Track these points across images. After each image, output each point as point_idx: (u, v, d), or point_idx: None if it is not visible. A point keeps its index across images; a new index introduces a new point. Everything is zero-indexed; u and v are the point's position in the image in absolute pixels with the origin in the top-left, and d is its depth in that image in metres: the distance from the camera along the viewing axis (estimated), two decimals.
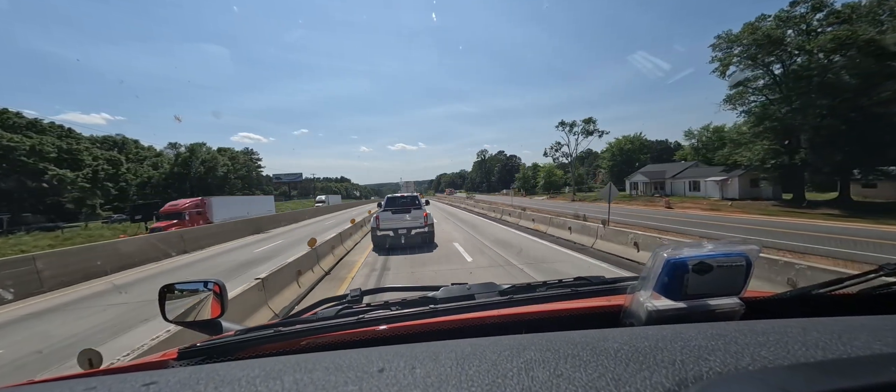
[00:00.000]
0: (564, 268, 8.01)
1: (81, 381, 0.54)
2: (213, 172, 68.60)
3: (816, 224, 16.53)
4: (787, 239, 11.85)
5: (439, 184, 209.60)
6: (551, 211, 26.05)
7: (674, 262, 0.71)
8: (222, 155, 77.52)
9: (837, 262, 8.02)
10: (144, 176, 60.50)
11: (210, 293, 1.21)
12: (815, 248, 10.03)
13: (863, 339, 0.50)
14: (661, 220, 20.09)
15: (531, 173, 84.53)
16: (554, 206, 37.07)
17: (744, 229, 15.36)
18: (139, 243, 12.79)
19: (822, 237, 12.29)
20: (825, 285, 0.83)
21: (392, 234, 11.04)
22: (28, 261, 8.70)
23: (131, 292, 8.12)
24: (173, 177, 63.67)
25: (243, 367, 0.53)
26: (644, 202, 35.59)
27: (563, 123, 59.14)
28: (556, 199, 55.68)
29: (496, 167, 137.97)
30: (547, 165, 76.21)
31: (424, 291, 1.18)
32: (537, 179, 77.71)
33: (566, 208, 30.05)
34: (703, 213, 23.82)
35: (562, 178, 75.65)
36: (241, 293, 4.73)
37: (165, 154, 69.42)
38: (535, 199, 54.85)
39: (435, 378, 0.47)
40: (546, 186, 74.02)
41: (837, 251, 9.67)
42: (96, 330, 5.69)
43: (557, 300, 0.99)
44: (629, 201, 38.01)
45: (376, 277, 7.99)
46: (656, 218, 21.41)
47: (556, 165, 77.52)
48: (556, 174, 74.69)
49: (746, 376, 0.43)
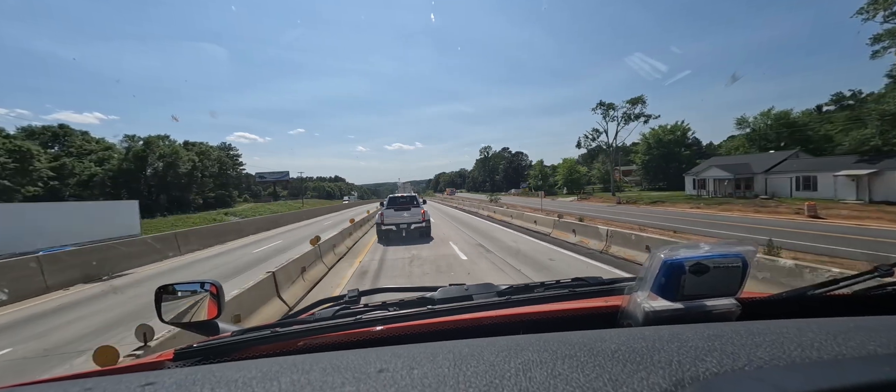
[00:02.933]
0: None
1: (78, 382, 0.54)
2: (173, 169, 57.73)
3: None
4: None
5: (438, 183, 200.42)
6: (630, 224, 16.34)
7: (671, 263, 0.71)
8: (189, 150, 66.61)
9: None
10: (86, 173, 49.54)
11: (207, 294, 1.19)
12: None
13: (858, 340, 0.51)
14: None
15: (550, 170, 73.43)
16: (609, 212, 26.97)
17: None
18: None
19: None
20: (820, 286, 0.83)
21: (394, 228, 12.97)
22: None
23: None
24: (123, 174, 52.92)
25: (240, 368, 0.53)
26: (743, 206, 25.23)
27: (603, 105, 48.51)
28: (589, 200, 45.30)
29: (501, 165, 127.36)
30: (568, 161, 65.55)
31: (422, 292, 1.18)
32: (557, 177, 66.76)
33: (633, 216, 20.45)
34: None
35: (585, 176, 65.05)
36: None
37: (120, 148, 58.31)
38: (564, 202, 44.35)
39: (433, 379, 0.47)
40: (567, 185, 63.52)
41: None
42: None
43: (555, 301, 0.98)
44: (709, 204, 27.74)
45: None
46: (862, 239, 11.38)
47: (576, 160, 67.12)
48: (578, 171, 64.10)
49: (743, 377, 0.43)
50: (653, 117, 48.37)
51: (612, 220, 19.24)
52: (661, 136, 54.16)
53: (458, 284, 1.20)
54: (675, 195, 39.16)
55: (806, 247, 10.19)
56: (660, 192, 44.95)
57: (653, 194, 42.60)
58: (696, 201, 31.12)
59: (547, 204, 34.59)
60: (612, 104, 48.75)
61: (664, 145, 54.86)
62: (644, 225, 15.57)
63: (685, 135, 54.78)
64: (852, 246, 10.57)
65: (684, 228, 15.64)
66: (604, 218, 20.72)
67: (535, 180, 72.21)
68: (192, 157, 63.13)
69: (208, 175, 68.36)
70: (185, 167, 59.27)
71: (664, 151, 54.67)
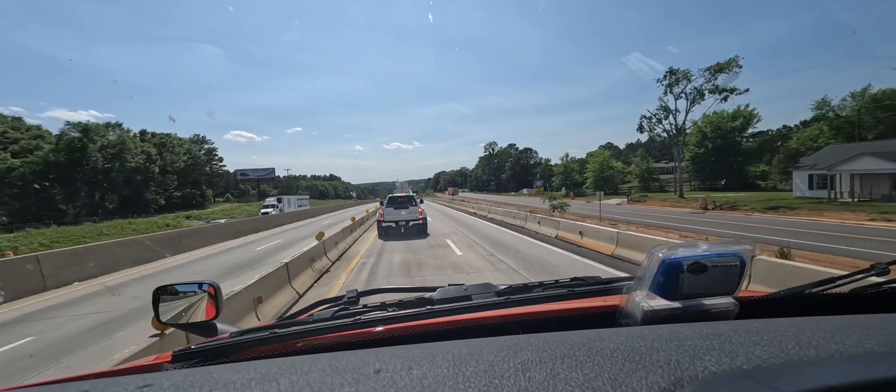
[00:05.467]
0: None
1: (75, 384, 0.54)
2: (120, 162, 47.20)
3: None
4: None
5: (438, 182, 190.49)
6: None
7: (669, 262, 0.71)
8: (146, 141, 56.01)
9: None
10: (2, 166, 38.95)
11: (205, 295, 1.19)
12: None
13: (855, 338, 0.51)
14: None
15: (576, 166, 62.31)
16: (704, 224, 17.38)
17: None
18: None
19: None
20: (818, 284, 0.83)
21: (394, 225, 14.36)
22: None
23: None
24: (54, 168, 42.47)
25: (238, 370, 0.53)
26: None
27: (673, 73, 36.72)
28: (644, 203, 35.03)
29: (507, 163, 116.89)
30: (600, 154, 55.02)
31: (421, 292, 1.18)
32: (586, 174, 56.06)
33: (770, 232, 11.15)
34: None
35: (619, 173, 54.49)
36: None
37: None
38: (610, 205, 33.79)
39: (432, 379, 0.46)
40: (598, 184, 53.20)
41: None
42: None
43: (554, 300, 0.98)
44: (881, 212, 17.51)
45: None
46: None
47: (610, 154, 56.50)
48: (613, 167, 53.63)
49: (741, 375, 0.43)
50: (741, 92, 34.66)
51: (739, 237, 10.84)
52: (719, 123, 43.82)
53: (457, 285, 1.18)
54: (784, 197, 28.67)
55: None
56: (733, 193, 34.62)
57: (736, 195, 32.15)
58: (837, 207, 20.87)
59: (588, 208, 24.31)
60: (688, 72, 35.59)
61: (723, 135, 44.51)
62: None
63: (749, 122, 44.47)
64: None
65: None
66: (721, 234, 13.87)
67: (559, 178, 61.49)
68: (147, 149, 52.59)
69: (172, 171, 57.82)
70: (136, 161, 48.69)
71: (723, 143, 44.41)
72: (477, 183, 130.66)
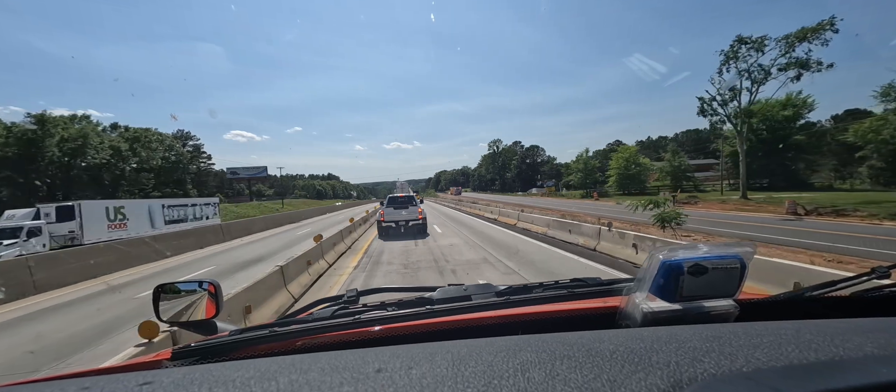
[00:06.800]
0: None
1: (75, 380, 0.54)
2: (81, 157, 41.47)
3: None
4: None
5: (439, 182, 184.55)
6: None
7: (669, 263, 0.71)
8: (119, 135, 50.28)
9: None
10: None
11: (205, 293, 1.17)
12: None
13: (855, 342, 0.50)
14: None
15: (598, 163, 55.95)
16: (829, 244, 11.22)
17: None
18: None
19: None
20: (818, 287, 0.83)
21: (394, 225, 14.74)
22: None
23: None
24: (3, 163, 36.78)
25: (238, 368, 0.53)
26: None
27: (743, 41, 28.45)
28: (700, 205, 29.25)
29: (513, 161, 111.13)
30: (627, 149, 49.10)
31: (421, 292, 1.17)
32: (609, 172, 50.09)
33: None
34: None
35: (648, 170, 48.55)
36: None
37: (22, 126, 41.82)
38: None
39: (431, 379, 0.46)
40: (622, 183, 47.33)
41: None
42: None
43: (554, 301, 0.98)
44: None
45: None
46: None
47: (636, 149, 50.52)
48: (640, 164, 47.74)
49: (741, 377, 0.43)
50: (826, 67, 26.52)
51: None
52: (767, 111, 36.97)
53: (457, 285, 1.18)
54: (887, 198, 22.68)
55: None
56: (793, 193, 28.81)
57: (812, 195, 26.26)
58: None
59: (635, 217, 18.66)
60: (763, 39, 27.82)
61: (774, 128, 38.34)
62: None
63: (800, 112, 38.44)
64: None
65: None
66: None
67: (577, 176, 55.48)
68: (116, 143, 46.86)
69: (148, 169, 52.06)
70: (100, 157, 42.93)
71: (771, 136, 38.21)
72: (480, 182, 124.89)
